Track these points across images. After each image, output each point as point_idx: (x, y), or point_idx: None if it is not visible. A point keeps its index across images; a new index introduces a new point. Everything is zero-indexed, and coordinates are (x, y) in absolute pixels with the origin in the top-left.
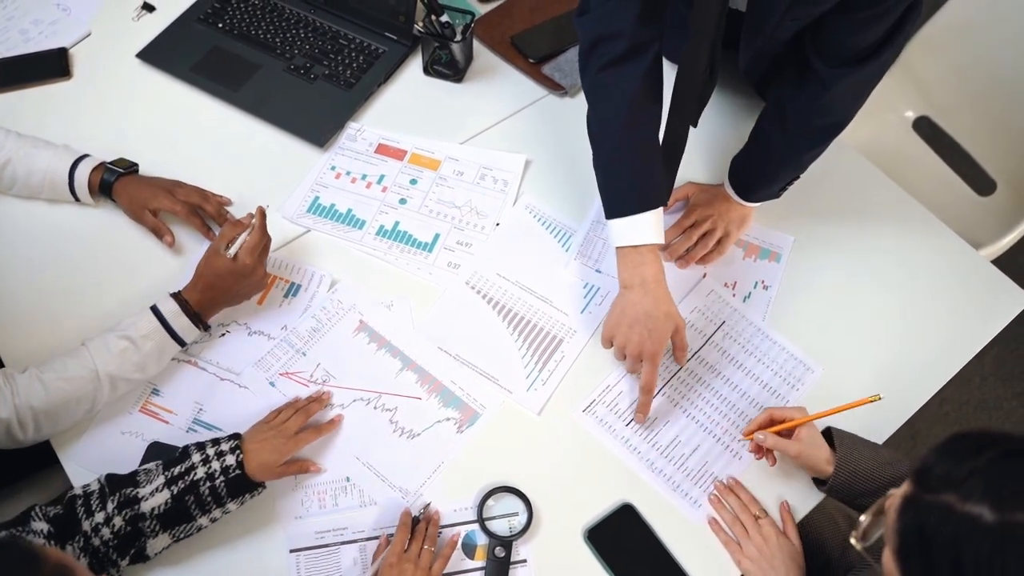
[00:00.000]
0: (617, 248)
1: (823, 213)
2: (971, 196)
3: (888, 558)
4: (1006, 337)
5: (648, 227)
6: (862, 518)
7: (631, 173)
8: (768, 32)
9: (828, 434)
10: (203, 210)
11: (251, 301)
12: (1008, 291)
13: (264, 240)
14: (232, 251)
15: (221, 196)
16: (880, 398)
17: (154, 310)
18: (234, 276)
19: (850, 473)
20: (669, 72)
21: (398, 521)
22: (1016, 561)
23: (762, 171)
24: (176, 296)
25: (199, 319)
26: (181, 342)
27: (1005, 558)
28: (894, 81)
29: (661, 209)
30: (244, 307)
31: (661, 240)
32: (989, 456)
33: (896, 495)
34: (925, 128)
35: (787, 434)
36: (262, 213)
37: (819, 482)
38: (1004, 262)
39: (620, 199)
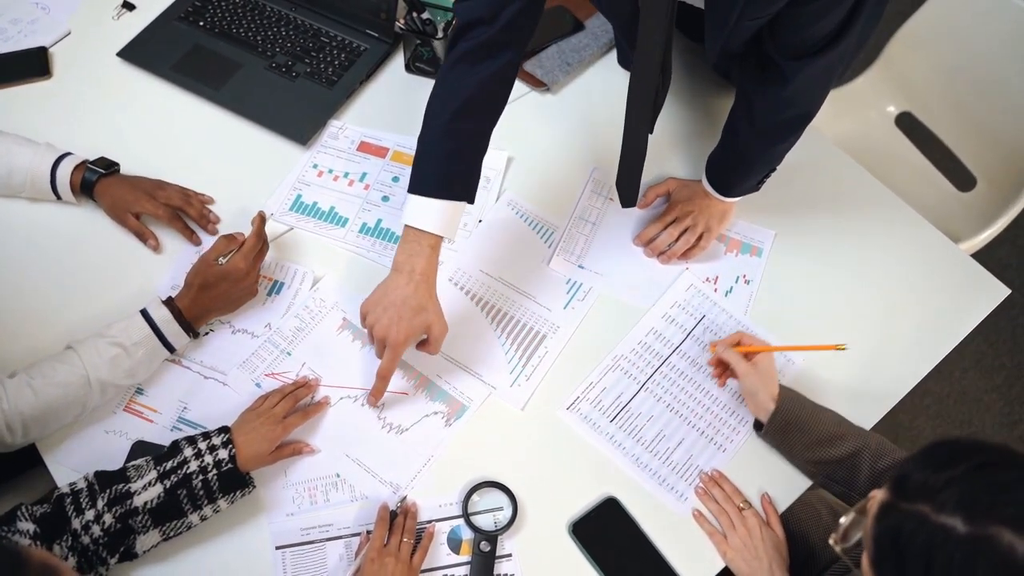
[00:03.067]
0: (404, 226)
1: (804, 208)
2: (951, 191)
3: (865, 564)
4: (985, 330)
5: (439, 216)
6: (842, 520)
7: (445, 158)
8: (728, 31)
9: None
10: (185, 213)
11: None
12: (987, 284)
13: (259, 245)
14: (224, 260)
15: (203, 195)
16: (845, 347)
17: (145, 316)
18: (228, 281)
19: (784, 422)
20: (623, 80)
21: (376, 516)
22: (986, 572)
23: (737, 167)
24: (168, 303)
25: (190, 327)
26: (171, 348)
27: (976, 569)
28: (876, 77)
29: (461, 207)
30: None
31: (447, 236)
32: (965, 467)
33: (876, 499)
34: (907, 124)
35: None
36: (262, 218)
37: (758, 427)
38: (983, 256)
39: (426, 177)
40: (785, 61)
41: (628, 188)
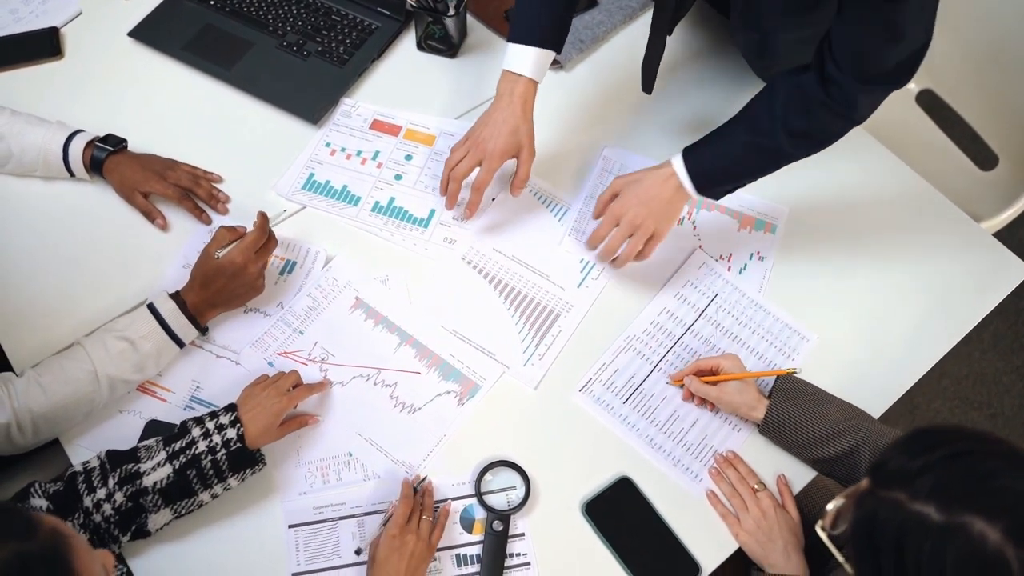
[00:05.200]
0: (504, 71)
1: (822, 185)
2: (973, 170)
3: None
4: (1005, 310)
5: (531, 62)
6: (829, 507)
7: (538, 10)
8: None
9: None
10: (194, 194)
11: None
12: (1008, 264)
13: (261, 241)
14: (221, 254)
15: (212, 174)
16: (796, 371)
17: (152, 309)
18: (224, 276)
19: (777, 424)
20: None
21: (400, 492)
22: (956, 560)
23: (745, 171)
24: (174, 296)
25: (196, 321)
26: (180, 343)
27: (946, 557)
28: None
29: (549, 55)
30: None
31: (537, 79)
32: (942, 454)
33: (861, 486)
34: (927, 101)
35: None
36: (263, 216)
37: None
38: (1004, 236)
39: (522, 28)
40: (856, 85)
41: (647, 76)
